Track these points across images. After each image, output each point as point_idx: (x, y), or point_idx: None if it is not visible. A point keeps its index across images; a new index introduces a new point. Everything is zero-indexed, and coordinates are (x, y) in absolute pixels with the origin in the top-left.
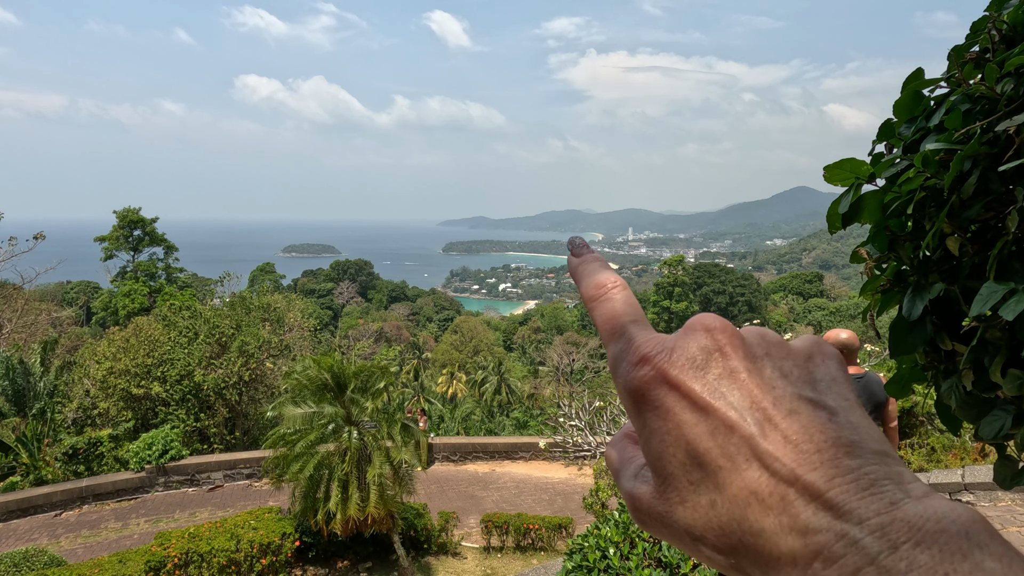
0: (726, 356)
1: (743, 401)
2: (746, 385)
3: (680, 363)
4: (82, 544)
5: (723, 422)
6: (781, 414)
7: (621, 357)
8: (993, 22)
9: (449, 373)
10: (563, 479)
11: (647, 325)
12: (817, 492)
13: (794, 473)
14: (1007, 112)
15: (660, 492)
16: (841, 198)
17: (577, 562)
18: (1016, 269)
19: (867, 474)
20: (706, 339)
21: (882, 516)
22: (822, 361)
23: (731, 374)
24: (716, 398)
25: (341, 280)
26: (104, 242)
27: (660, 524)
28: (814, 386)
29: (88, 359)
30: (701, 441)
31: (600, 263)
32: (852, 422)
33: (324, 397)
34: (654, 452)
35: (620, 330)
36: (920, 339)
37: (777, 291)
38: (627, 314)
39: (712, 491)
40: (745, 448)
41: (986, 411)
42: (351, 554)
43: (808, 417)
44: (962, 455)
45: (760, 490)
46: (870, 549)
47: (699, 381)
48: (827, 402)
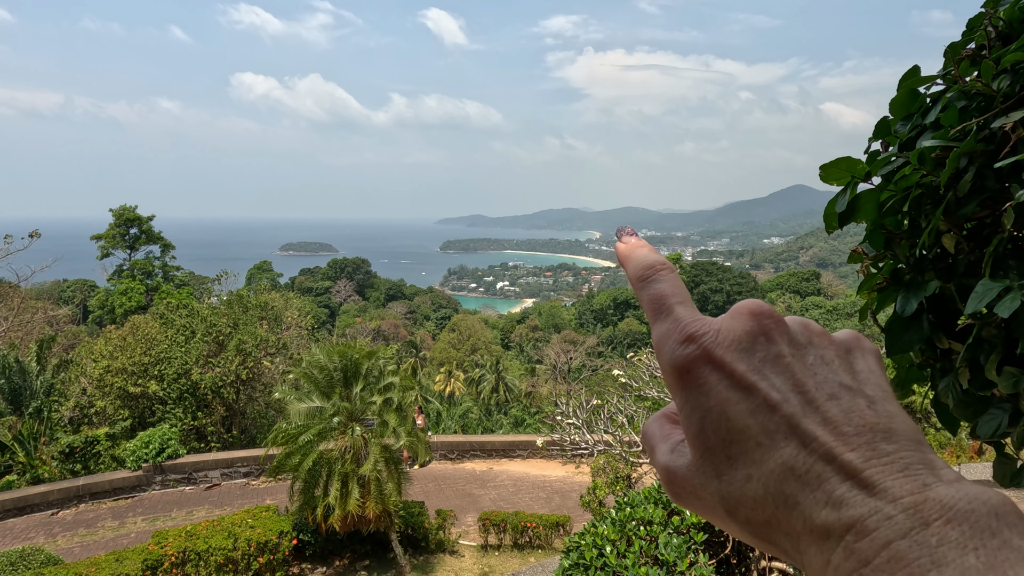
0: (771, 340)
1: (785, 383)
2: (789, 368)
3: (726, 344)
4: (79, 543)
5: (765, 401)
6: (822, 398)
7: (668, 335)
8: (989, 19)
9: (447, 371)
10: (560, 477)
11: (693, 307)
12: (854, 471)
13: (832, 452)
14: (1003, 109)
15: (698, 466)
16: (837, 197)
17: (574, 560)
18: (1012, 266)
19: (902, 458)
20: (752, 323)
21: (915, 496)
22: (861, 355)
23: (775, 358)
24: (760, 379)
25: (338, 278)
26: (100, 240)
27: (694, 497)
28: (854, 376)
29: (85, 357)
30: (742, 418)
31: (648, 248)
32: (889, 411)
33: (331, 391)
34: (694, 428)
35: (667, 310)
36: (916, 337)
37: (774, 289)
38: (674, 295)
39: (749, 466)
40: (785, 426)
41: (983, 409)
42: (349, 552)
43: (848, 403)
44: (958, 453)
45: (797, 466)
46: (903, 524)
47: (743, 362)
48: (866, 391)
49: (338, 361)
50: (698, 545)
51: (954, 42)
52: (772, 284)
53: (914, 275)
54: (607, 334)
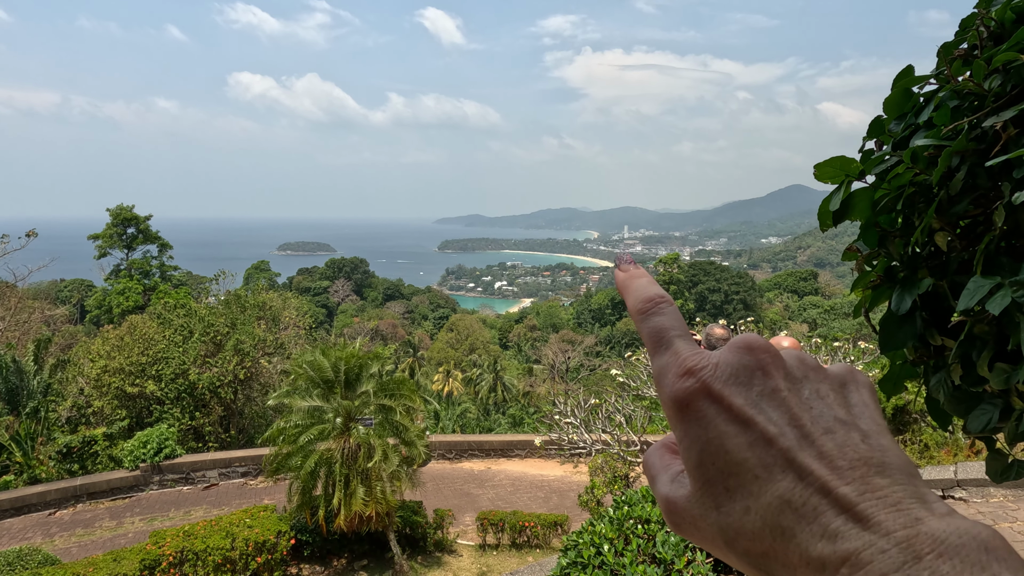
0: (768, 375)
1: (782, 417)
2: (785, 403)
3: (724, 377)
4: (76, 543)
5: (762, 435)
6: (818, 432)
7: (667, 369)
8: (981, 19)
9: (445, 371)
10: (558, 477)
11: (692, 340)
12: (849, 504)
13: (828, 486)
14: (994, 108)
15: (697, 497)
16: (832, 195)
17: (572, 559)
18: (1003, 264)
19: (895, 492)
20: (749, 357)
21: (908, 530)
22: (856, 388)
23: (772, 392)
24: (757, 412)
25: (336, 278)
26: (98, 240)
27: (693, 527)
28: (848, 409)
29: (82, 357)
30: (740, 451)
31: (648, 279)
32: (883, 445)
33: (329, 392)
34: (694, 459)
35: (667, 343)
36: (909, 334)
37: (772, 289)
38: (674, 328)
39: (747, 498)
40: (782, 459)
41: (974, 405)
42: (347, 552)
43: (843, 436)
44: (955, 451)
45: (794, 499)
46: (896, 558)
47: (741, 396)
48: (860, 425)
49: (337, 362)
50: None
51: (947, 42)
52: (770, 284)
53: (908, 273)
54: (605, 334)
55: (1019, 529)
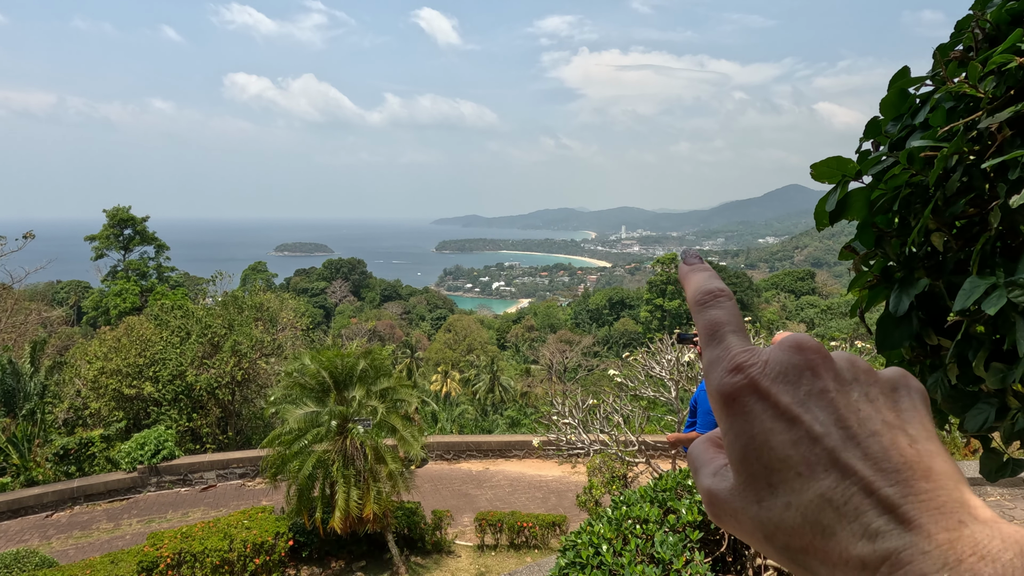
0: (817, 375)
1: (829, 417)
2: (833, 404)
3: (772, 375)
4: (74, 545)
5: (808, 433)
6: (864, 434)
7: (717, 362)
8: (976, 21)
9: (443, 372)
10: (557, 477)
11: (746, 336)
12: (892, 505)
13: (871, 486)
14: (989, 110)
15: (739, 491)
16: (828, 195)
17: (570, 559)
18: (998, 264)
19: (939, 495)
20: (799, 357)
21: (950, 533)
22: (907, 393)
23: (820, 392)
24: (804, 411)
25: (334, 279)
26: (94, 241)
27: (734, 520)
28: (898, 414)
29: (79, 359)
30: (784, 448)
31: (710, 273)
32: (930, 450)
33: (324, 395)
34: (738, 454)
35: (720, 337)
36: (906, 334)
37: (769, 289)
38: (729, 323)
39: (789, 494)
40: (826, 458)
41: (971, 405)
42: (345, 553)
43: (888, 440)
44: (952, 451)
45: (836, 498)
46: (937, 560)
47: (788, 394)
48: (908, 429)
49: (330, 364)
50: (694, 543)
51: (943, 44)
52: (767, 284)
53: (905, 273)
54: (603, 334)
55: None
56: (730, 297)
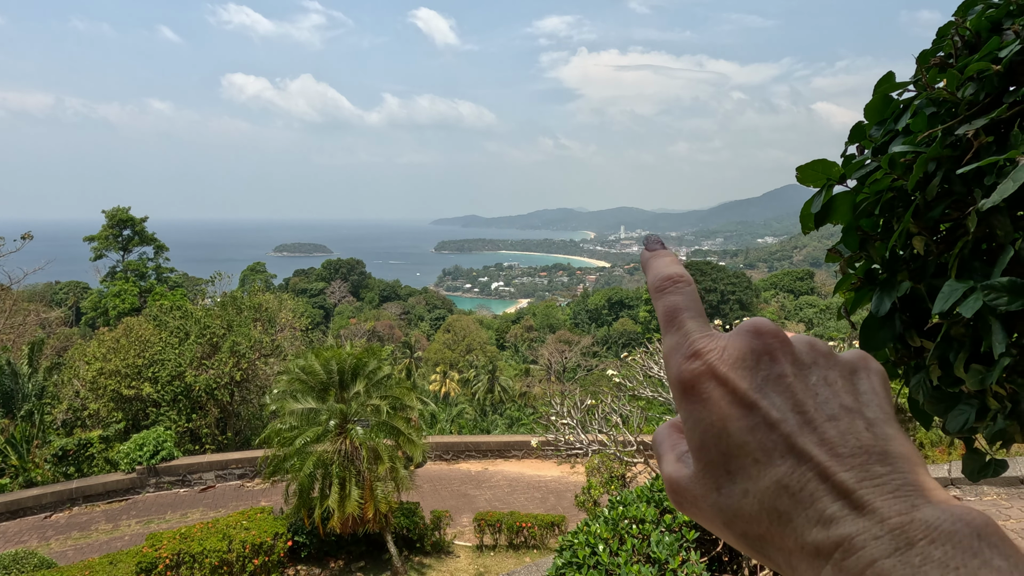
0: (775, 360)
1: (786, 403)
2: (791, 388)
3: (730, 361)
4: (72, 546)
5: (764, 419)
6: (821, 418)
7: (676, 348)
8: (956, 28)
9: (442, 372)
10: (555, 477)
11: (706, 322)
12: (846, 491)
13: (827, 471)
14: (967, 116)
15: (699, 478)
16: (813, 198)
17: (567, 559)
18: (976, 268)
19: (894, 479)
20: (757, 341)
21: (902, 516)
22: (867, 375)
23: (778, 377)
24: (761, 397)
25: (333, 279)
26: (93, 242)
27: (694, 507)
28: (856, 397)
29: (78, 360)
30: (742, 434)
31: (671, 259)
32: (887, 433)
33: (324, 393)
34: (696, 441)
35: (679, 323)
36: (889, 336)
37: (768, 289)
38: (688, 309)
39: (746, 481)
40: (782, 444)
41: (953, 405)
42: (344, 553)
43: (846, 424)
44: (949, 451)
45: (792, 484)
46: (889, 544)
47: (746, 380)
48: (866, 413)
49: (333, 363)
50: (690, 543)
51: (925, 50)
52: (766, 283)
53: (888, 275)
54: (602, 334)
55: (1012, 527)
56: (690, 282)
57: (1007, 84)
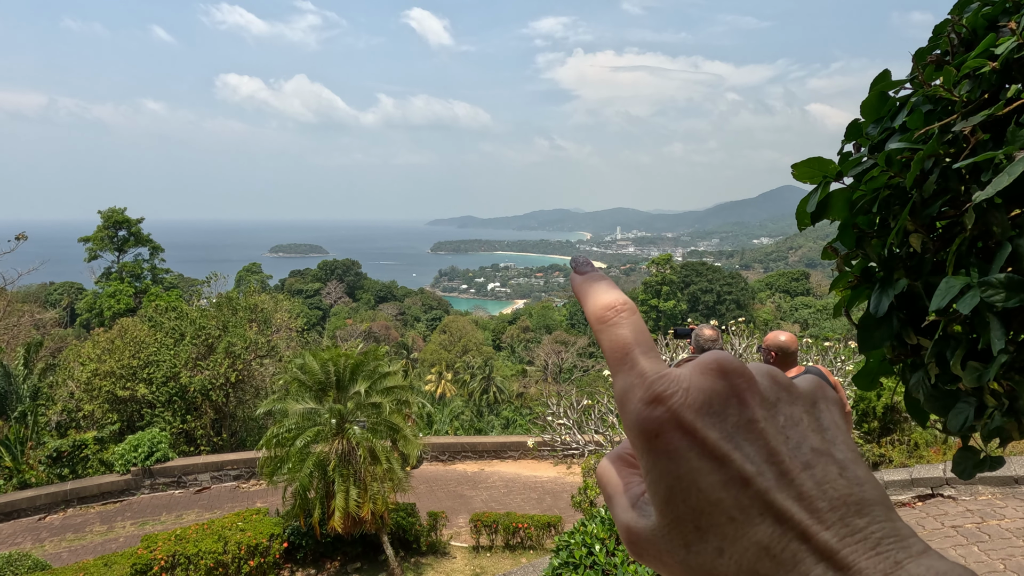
0: (743, 404)
1: (759, 453)
2: (763, 435)
3: (696, 406)
4: (67, 548)
5: (739, 474)
6: (796, 468)
7: (631, 391)
8: (953, 26)
9: (438, 373)
10: (552, 478)
11: (657, 356)
12: (829, 551)
13: (807, 531)
14: (963, 113)
15: (663, 533)
16: (809, 196)
17: (564, 559)
18: (973, 265)
19: (874, 532)
20: (723, 383)
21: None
22: (826, 407)
23: (748, 423)
24: (733, 448)
25: (329, 280)
26: (88, 243)
27: (658, 561)
28: (822, 434)
29: (72, 361)
30: (715, 491)
31: (606, 283)
32: (859, 477)
33: (323, 394)
34: (662, 494)
35: (630, 361)
36: (887, 334)
37: (764, 289)
38: (637, 343)
39: (721, 540)
40: (760, 502)
41: (952, 403)
42: (340, 554)
43: (821, 472)
44: (944, 450)
45: (772, 545)
46: None
47: (716, 428)
48: (836, 454)
49: (331, 364)
50: None
51: (921, 48)
52: (762, 284)
53: (885, 273)
54: None
55: (1007, 527)
56: (633, 310)
57: (1004, 81)
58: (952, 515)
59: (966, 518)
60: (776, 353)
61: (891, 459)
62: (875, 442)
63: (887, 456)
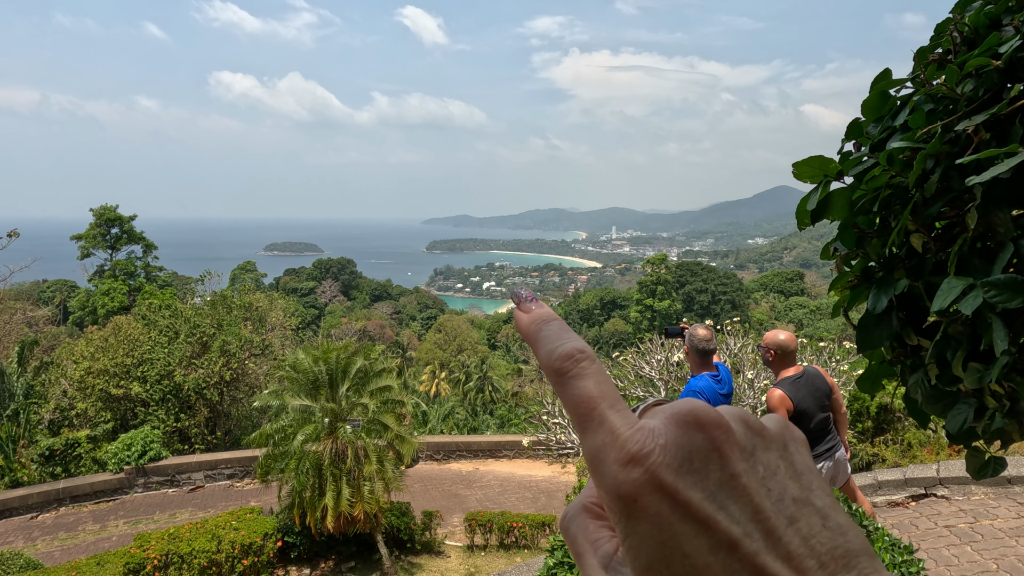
0: (724, 458)
1: (744, 512)
2: (746, 492)
3: (675, 465)
4: (59, 547)
5: (726, 537)
6: (782, 524)
7: (603, 451)
8: (955, 24)
9: (432, 372)
10: (546, 477)
11: (625, 407)
12: None
13: None
14: (966, 112)
15: None
16: (810, 195)
17: (559, 559)
18: (975, 265)
19: None
20: (701, 437)
21: None
22: (795, 448)
23: (730, 479)
24: (717, 509)
25: (324, 279)
26: (81, 240)
27: None
28: (799, 480)
29: (66, 359)
30: (701, 556)
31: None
32: (841, 525)
33: (316, 391)
34: (643, 561)
35: (598, 417)
36: (886, 334)
37: (759, 289)
38: (603, 396)
39: None
40: (749, 566)
41: (951, 404)
42: (334, 554)
43: (806, 526)
44: (937, 450)
45: None
46: None
47: (698, 488)
48: (816, 502)
49: (323, 363)
50: None
51: (923, 47)
52: (757, 284)
53: (885, 273)
54: (593, 334)
55: (1000, 527)
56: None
57: (1007, 80)
58: (945, 515)
59: (959, 518)
60: (775, 352)
61: (884, 459)
62: (868, 442)
63: (880, 455)
